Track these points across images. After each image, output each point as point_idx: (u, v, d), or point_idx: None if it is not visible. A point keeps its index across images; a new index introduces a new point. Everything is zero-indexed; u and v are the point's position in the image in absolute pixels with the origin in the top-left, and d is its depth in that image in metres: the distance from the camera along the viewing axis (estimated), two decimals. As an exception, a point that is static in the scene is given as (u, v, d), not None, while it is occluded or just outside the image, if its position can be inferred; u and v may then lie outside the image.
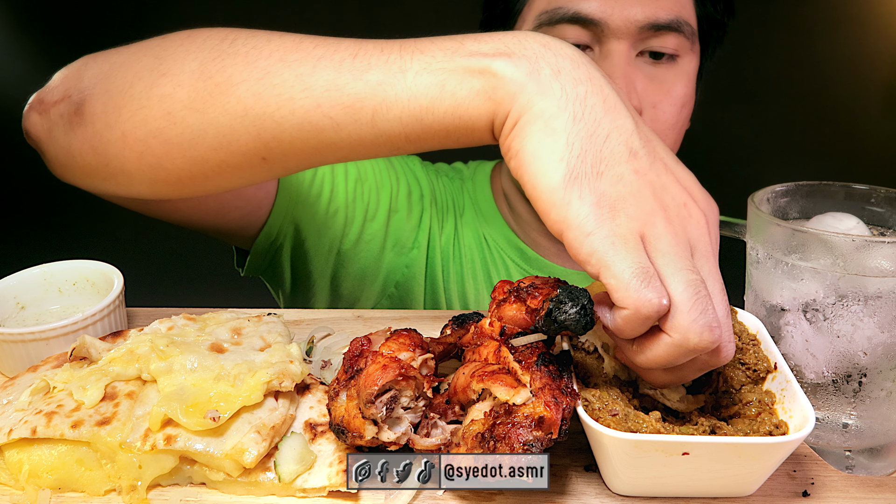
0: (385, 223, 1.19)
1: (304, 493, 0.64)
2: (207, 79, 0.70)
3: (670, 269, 0.56)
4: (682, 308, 0.55)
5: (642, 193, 0.58)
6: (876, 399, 0.70)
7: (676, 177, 0.61)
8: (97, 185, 0.82)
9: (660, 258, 0.57)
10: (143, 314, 0.96)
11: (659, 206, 0.58)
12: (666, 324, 0.56)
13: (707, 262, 0.59)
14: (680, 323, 0.55)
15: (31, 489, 0.64)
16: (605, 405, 0.64)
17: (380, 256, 1.19)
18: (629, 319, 0.56)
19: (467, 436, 0.60)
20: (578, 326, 0.61)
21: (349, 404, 0.63)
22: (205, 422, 0.63)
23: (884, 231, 0.77)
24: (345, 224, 1.15)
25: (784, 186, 0.80)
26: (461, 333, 0.72)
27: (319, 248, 1.16)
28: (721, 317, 0.58)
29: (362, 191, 1.16)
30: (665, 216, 0.58)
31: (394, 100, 0.65)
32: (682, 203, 0.59)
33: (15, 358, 0.78)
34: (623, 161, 0.59)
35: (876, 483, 0.67)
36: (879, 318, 0.67)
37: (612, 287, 0.56)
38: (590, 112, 0.60)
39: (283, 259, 1.16)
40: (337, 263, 1.18)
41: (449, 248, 1.23)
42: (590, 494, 0.65)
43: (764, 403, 0.66)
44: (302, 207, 1.11)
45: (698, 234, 0.59)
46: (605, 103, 0.61)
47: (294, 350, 0.73)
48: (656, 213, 0.58)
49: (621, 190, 0.58)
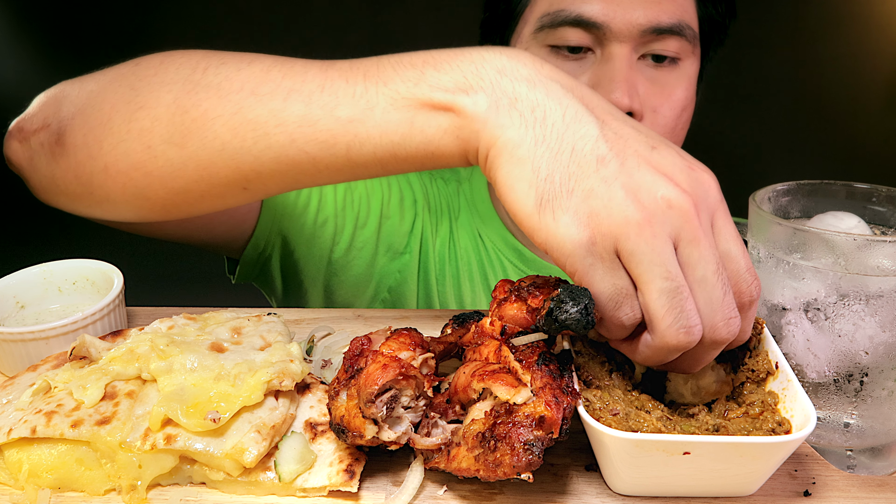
0: (376, 230, 1.18)
1: (305, 492, 0.64)
2: (184, 113, 0.72)
3: (645, 279, 0.58)
4: (657, 316, 0.59)
5: (613, 203, 0.58)
6: (877, 398, 0.69)
7: (654, 165, 0.60)
8: (82, 210, 0.84)
9: (635, 268, 0.58)
10: (143, 313, 0.96)
11: (634, 212, 0.58)
12: (648, 327, 0.61)
13: (700, 244, 0.58)
14: (656, 329, 0.59)
15: (31, 489, 0.64)
16: (605, 405, 0.64)
17: (372, 262, 1.19)
18: (609, 329, 0.63)
19: (468, 435, 0.60)
20: (579, 326, 0.60)
21: (349, 404, 0.63)
22: (205, 423, 0.63)
23: (885, 230, 0.77)
24: (335, 233, 1.15)
25: (785, 185, 0.80)
26: (462, 333, 0.71)
27: (310, 258, 1.16)
28: (715, 301, 0.59)
29: (352, 199, 1.16)
30: (639, 221, 0.57)
31: (366, 136, 0.67)
32: (660, 196, 0.59)
33: (14, 357, 0.77)
34: (591, 172, 0.59)
35: (877, 483, 0.66)
36: (881, 318, 0.67)
37: (595, 302, 0.60)
38: (551, 131, 0.61)
39: (272, 268, 1.16)
40: (329, 272, 1.17)
41: (444, 251, 1.23)
42: (591, 494, 0.64)
43: (766, 404, 0.66)
44: (289, 220, 1.11)
45: (681, 222, 0.58)
46: (565, 117, 0.61)
47: (294, 349, 0.73)
48: (629, 224, 0.57)
49: (593, 204, 0.59)
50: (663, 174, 0.60)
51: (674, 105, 1.07)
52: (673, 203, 0.58)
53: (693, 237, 0.59)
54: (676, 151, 0.62)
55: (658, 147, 0.62)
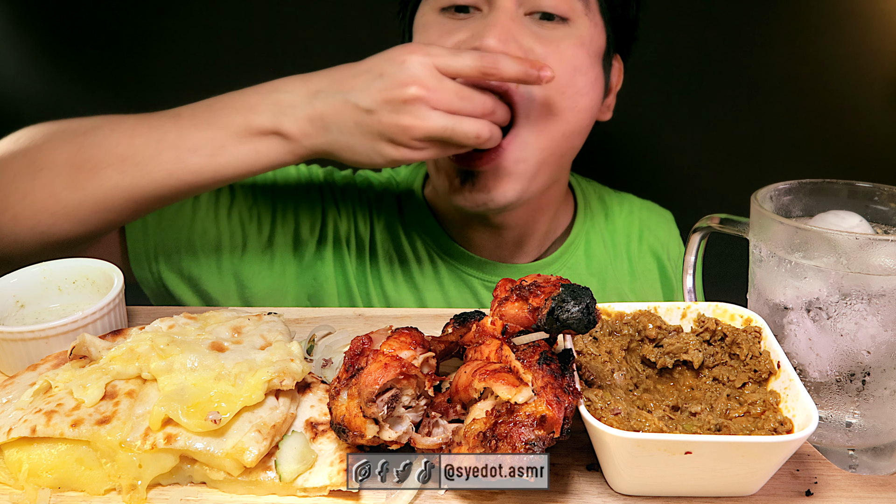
0: (283, 248, 1.18)
1: (305, 492, 0.64)
2: (79, 166, 0.92)
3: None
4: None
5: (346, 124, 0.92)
6: (880, 398, 0.69)
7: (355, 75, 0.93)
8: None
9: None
10: (143, 313, 0.96)
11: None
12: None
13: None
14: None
15: (31, 488, 0.64)
16: (607, 404, 0.63)
17: (283, 273, 1.18)
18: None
19: (469, 435, 0.60)
20: (581, 325, 0.60)
21: (350, 403, 0.63)
22: (206, 423, 0.62)
23: (887, 229, 0.76)
24: (232, 257, 1.16)
25: (787, 184, 0.79)
26: (463, 332, 0.71)
27: (212, 284, 1.16)
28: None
29: (242, 222, 1.17)
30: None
31: (224, 168, 0.94)
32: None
33: (14, 356, 0.77)
34: (350, 114, 0.92)
35: (879, 482, 0.66)
36: (883, 317, 0.67)
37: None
38: (318, 111, 0.93)
39: (179, 291, 1.16)
40: (239, 286, 1.17)
41: (364, 257, 1.22)
42: (592, 494, 0.64)
43: (768, 403, 0.66)
44: (173, 254, 1.14)
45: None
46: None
47: (295, 348, 0.73)
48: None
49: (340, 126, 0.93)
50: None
51: (563, 60, 1.04)
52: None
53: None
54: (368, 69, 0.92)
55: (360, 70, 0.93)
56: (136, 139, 0.93)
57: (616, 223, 1.36)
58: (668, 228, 1.41)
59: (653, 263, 1.35)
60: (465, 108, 0.92)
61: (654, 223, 1.39)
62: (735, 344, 0.72)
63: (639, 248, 1.35)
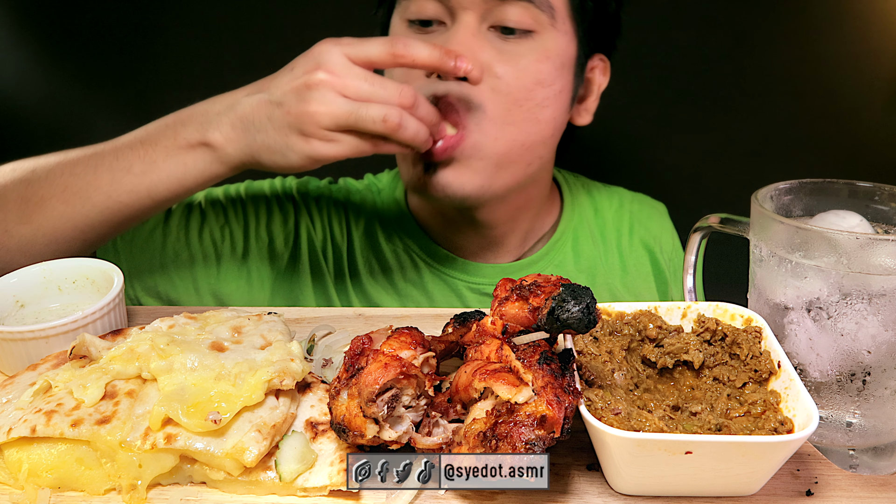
0: (258, 263, 1.19)
1: (305, 492, 0.64)
2: (27, 200, 0.98)
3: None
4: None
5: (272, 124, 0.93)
6: (880, 398, 0.69)
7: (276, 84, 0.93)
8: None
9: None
10: (143, 312, 0.96)
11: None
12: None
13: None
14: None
15: (31, 488, 0.64)
16: (607, 404, 0.63)
17: (261, 287, 1.19)
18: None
19: (469, 435, 0.60)
20: (581, 325, 0.60)
21: (350, 403, 0.63)
22: (206, 423, 0.62)
23: (888, 229, 0.76)
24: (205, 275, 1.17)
25: (787, 184, 0.79)
26: (463, 332, 0.71)
27: (191, 304, 1.17)
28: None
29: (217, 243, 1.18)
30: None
31: (157, 184, 0.96)
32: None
33: (14, 356, 0.77)
34: (265, 111, 0.92)
35: (880, 482, 0.66)
36: (883, 317, 0.67)
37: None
38: (248, 121, 0.94)
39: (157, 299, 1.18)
40: (219, 304, 1.17)
41: (343, 265, 1.22)
42: (592, 494, 0.64)
43: (769, 403, 0.66)
44: (149, 273, 1.16)
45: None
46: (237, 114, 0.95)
47: (295, 348, 0.73)
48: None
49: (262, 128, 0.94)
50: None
51: (519, 74, 1.03)
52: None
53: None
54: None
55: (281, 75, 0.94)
56: (77, 167, 0.97)
57: (605, 217, 1.33)
58: (660, 221, 1.38)
59: (645, 257, 1.32)
60: (375, 95, 0.89)
61: (646, 216, 1.36)
62: (735, 344, 0.72)
63: (630, 242, 1.32)
